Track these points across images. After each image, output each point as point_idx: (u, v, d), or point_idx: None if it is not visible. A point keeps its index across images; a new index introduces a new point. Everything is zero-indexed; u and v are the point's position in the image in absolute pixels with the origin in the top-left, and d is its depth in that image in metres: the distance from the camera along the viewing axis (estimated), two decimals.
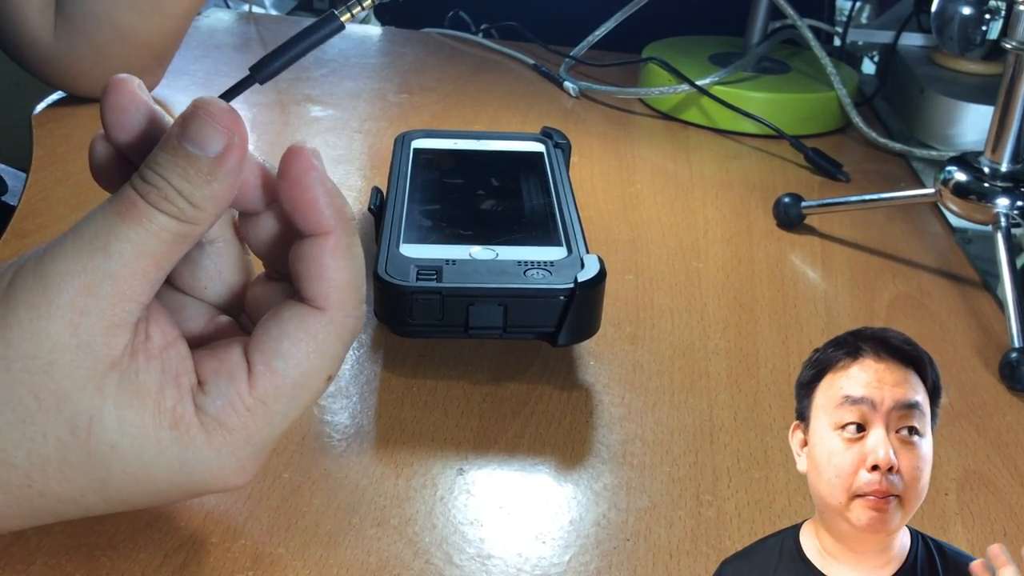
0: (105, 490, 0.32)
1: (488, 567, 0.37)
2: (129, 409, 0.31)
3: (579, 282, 0.44)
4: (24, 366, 0.30)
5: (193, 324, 0.36)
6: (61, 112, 0.76)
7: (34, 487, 0.31)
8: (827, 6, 1.07)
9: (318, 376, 0.33)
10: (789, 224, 0.67)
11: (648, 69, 0.89)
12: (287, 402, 0.33)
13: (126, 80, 0.33)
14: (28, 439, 0.30)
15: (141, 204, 0.30)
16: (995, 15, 0.82)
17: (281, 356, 0.32)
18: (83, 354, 0.30)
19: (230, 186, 0.31)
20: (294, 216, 0.33)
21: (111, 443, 0.31)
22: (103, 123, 0.33)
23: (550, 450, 0.44)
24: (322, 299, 0.33)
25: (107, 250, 0.30)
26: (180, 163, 0.31)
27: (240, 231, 0.36)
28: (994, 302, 0.59)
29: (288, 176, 0.32)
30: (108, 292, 0.30)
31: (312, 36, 0.34)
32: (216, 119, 0.31)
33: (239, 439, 0.32)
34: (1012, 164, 0.60)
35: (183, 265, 0.36)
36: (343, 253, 0.33)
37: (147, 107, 0.33)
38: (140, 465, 0.31)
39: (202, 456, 0.32)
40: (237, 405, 0.32)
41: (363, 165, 0.73)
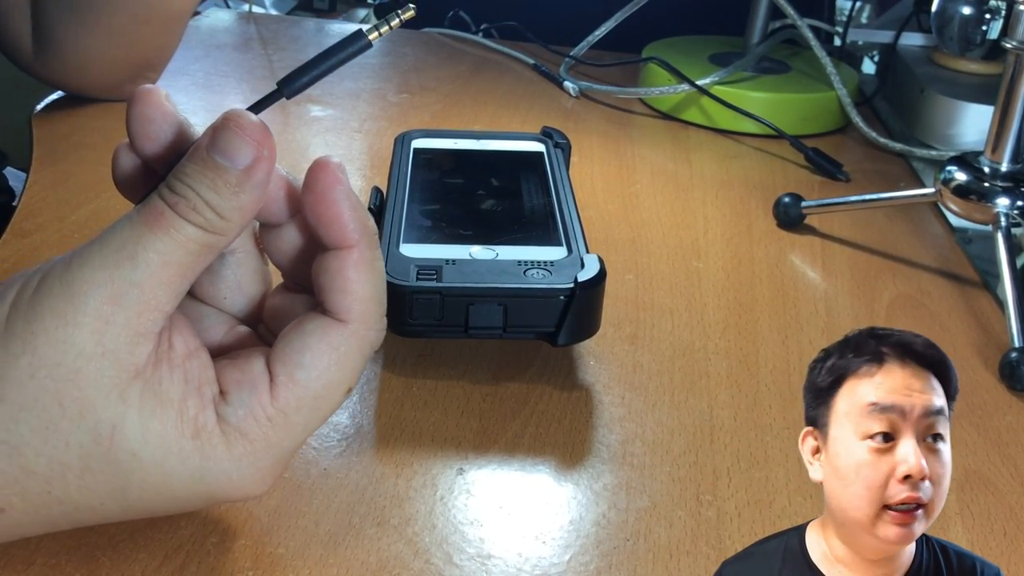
0: (124, 498, 0.32)
1: (488, 567, 0.37)
2: (152, 418, 0.31)
3: (579, 282, 0.44)
4: (49, 373, 0.30)
5: (212, 334, 0.36)
6: (61, 112, 0.76)
7: (54, 494, 0.31)
8: (827, 6, 1.07)
9: (339, 388, 0.33)
10: (789, 224, 0.67)
11: (648, 69, 0.89)
12: (307, 413, 0.33)
13: (153, 91, 0.33)
14: (50, 446, 0.30)
15: (168, 214, 0.30)
16: (995, 15, 0.82)
17: (303, 367, 0.32)
18: (108, 363, 0.30)
19: (257, 198, 0.32)
20: (319, 229, 0.33)
21: (133, 451, 0.31)
22: (128, 133, 0.33)
23: (550, 450, 0.44)
24: (344, 312, 0.33)
25: (134, 260, 0.30)
26: (209, 174, 0.31)
27: (261, 242, 0.37)
28: (994, 302, 0.59)
29: (314, 189, 0.33)
30: (134, 301, 0.30)
31: (340, 53, 0.35)
32: (246, 131, 0.31)
33: (259, 449, 0.32)
34: (1012, 164, 0.60)
35: (204, 275, 0.36)
36: (366, 267, 0.33)
37: (174, 117, 0.33)
38: (161, 474, 0.31)
39: (222, 466, 0.32)
40: (259, 415, 0.32)
41: (363, 165, 0.73)
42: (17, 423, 0.30)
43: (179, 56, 0.80)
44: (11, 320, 0.30)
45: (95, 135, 0.72)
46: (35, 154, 0.68)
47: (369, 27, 0.36)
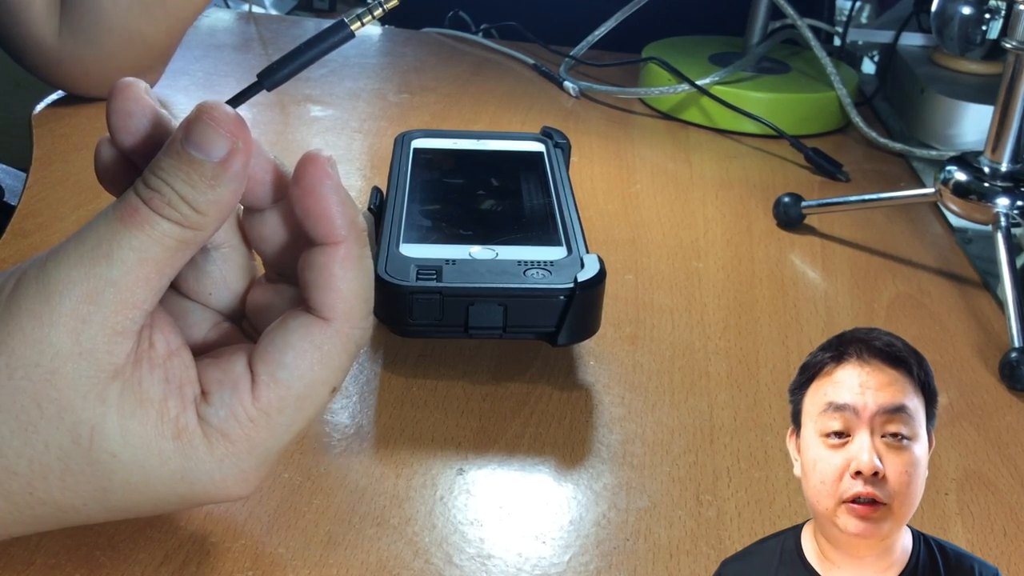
0: (107, 499, 0.31)
1: (488, 567, 0.37)
2: (132, 419, 0.30)
3: (579, 282, 0.44)
4: (26, 374, 0.29)
5: (197, 330, 0.36)
6: (61, 112, 0.76)
7: (36, 495, 0.31)
8: (827, 6, 1.07)
9: (322, 388, 0.33)
10: (789, 224, 0.67)
11: (648, 69, 0.89)
12: (291, 413, 0.33)
13: (132, 84, 0.33)
14: (30, 447, 0.30)
15: (144, 210, 0.30)
16: (995, 15, 0.82)
17: (285, 367, 0.32)
18: (85, 362, 0.30)
19: (234, 191, 0.31)
20: (306, 224, 0.33)
21: (113, 452, 0.31)
22: (108, 126, 0.33)
23: (550, 450, 0.44)
24: (328, 309, 0.33)
25: (109, 257, 0.30)
26: (184, 168, 0.30)
27: (244, 226, 0.36)
28: (994, 302, 0.59)
29: (302, 183, 0.32)
30: (110, 300, 0.30)
31: (321, 44, 0.34)
32: (220, 123, 0.31)
33: (242, 450, 0.32)
34: (1012, 164, 0.60)
35: (188, 270, 0.36)
36: (353, 264, 0.33)
37: (153, 111, 0.33)
38: (142, 475, 0.31)
39: (204, 467, 0.32)
40: (240, 416, 0.32)
41: (363, 165, 0.73)
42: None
43: (179, 56, 0.80)
44: None
45: (95, 135, 0.72)
46: (35, 154, 0.68)
47: (352, 16, 0.35)
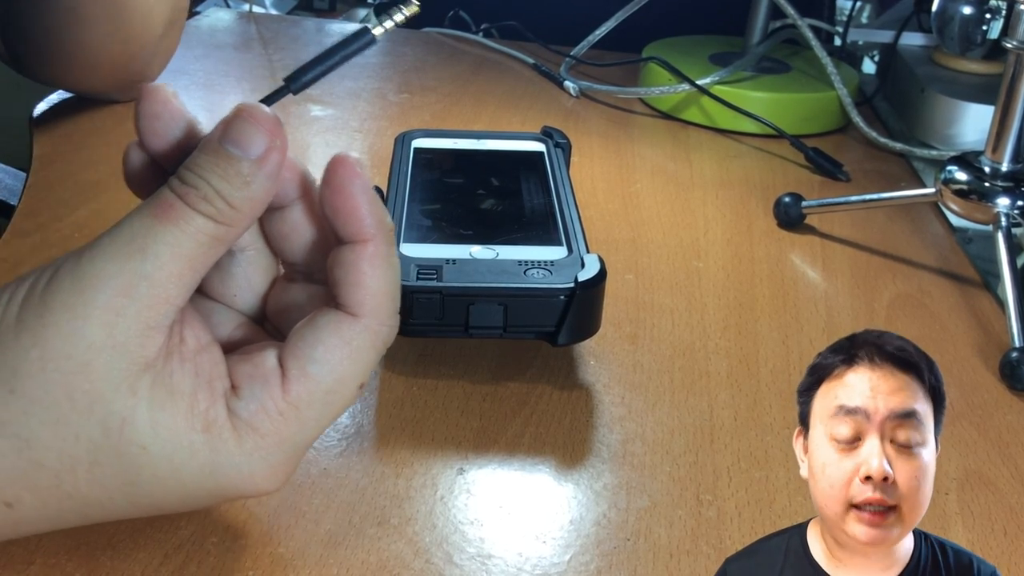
0: (134, 493, 0.32)
1: (488, 567, 0.37)
2: (162, 411, 0.31)
3: (579, 282, 0.44)
4: (58, 366, 0.30)
5: (221, 330, 0.36)
6: (61, 112, 0.76)
7: (63, 488, 0.31)
8: (827, 6, 1.07)
9: (351, 383, 0.33)
10: (789, 224, 0.67)
11: (648, 69, 0.89)
12: (320, 408, 0.33)
13: (159, 88, 0.33)
14: (60, 439, 0.30)
15: (179, 205, 0.31)
16: (995, 15, 0.82)
17: (315, 361, 0.32)
18: (118, 355, 0.30)
19: (267, 190, 0.32)
20: (336, 222, 0.33)
21: (143, 445, 0.31)
22: (137, 130, 0.33)
23: (550, 450, 0.44)
24: (357, 306, 0.33)
25: (144, 252, 0.30)
26: (220, 164, 0.31)
27: (264, 224, 0.37)
28: (994, 302, 0.59)
29: (333, 183, 0.33)
30: (144, 294, 0.30)
31: (345, 49, 0.35)
32: (259, 122, 0.31)
33: (271, 444, 0.32)
34: (1012, 164, 0.60)
35: (214, 272, 0.36)
36: (382, 261, 0.33)
37: (181, 114, 0.34)
38: (170, 468, 0.31)
39: (233, 461, 0.32)
40: (270, 409, 0.32)
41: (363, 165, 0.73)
42: (27, 416, 0.30)
43: (179, 56, 0.80)
44: (23, 314, 0.30)
45: (95, 135, 0.72)
46: (35, 154, 0.68)
47: (374, 23, 0.36)
